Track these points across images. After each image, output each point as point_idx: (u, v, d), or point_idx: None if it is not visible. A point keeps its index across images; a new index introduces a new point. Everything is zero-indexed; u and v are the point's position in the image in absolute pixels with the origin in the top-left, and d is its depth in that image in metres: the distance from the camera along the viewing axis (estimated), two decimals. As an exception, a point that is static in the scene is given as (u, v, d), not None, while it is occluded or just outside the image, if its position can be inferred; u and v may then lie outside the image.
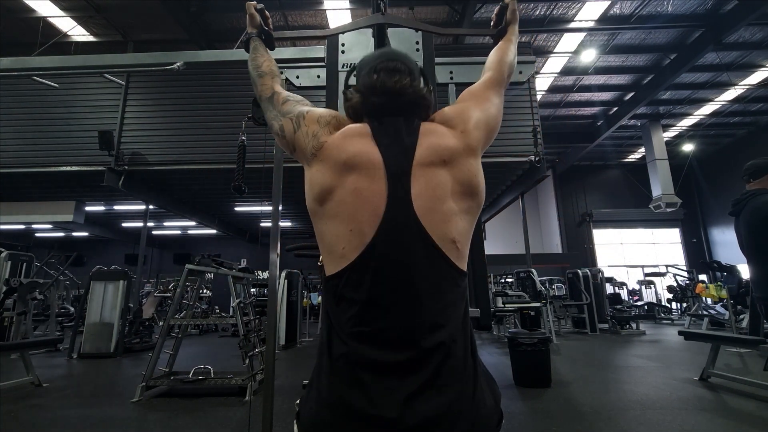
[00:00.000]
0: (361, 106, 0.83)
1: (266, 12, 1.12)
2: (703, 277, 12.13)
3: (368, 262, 0.67)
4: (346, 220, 0.70)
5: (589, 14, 7.87)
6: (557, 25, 8.18)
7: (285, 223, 12.38)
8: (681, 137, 14.41)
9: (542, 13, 7.87)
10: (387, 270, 0.67)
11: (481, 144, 0.82)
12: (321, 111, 0.86)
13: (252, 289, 8.94)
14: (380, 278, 0.67)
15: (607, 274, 10.00)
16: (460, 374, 0.64)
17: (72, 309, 8.83)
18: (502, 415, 0.69)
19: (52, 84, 4.85)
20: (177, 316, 4.19)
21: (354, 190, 0.71)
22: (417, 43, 1.93)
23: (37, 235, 14.49)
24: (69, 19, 7.56)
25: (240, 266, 7.51)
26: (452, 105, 0.89)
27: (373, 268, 0.67)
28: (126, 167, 6.73)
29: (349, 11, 7.46)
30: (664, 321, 10.59)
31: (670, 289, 10.70)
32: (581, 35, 8.56)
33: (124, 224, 13.59)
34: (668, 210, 12.73)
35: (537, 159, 5.00)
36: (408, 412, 0.59)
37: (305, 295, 8.24)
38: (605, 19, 8.05)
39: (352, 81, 0.94)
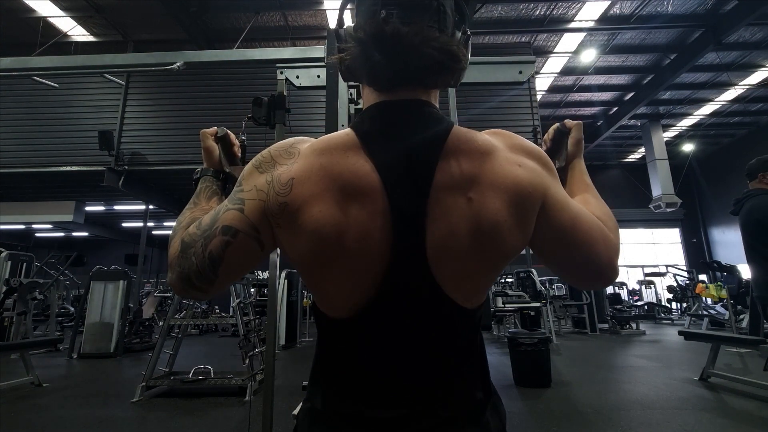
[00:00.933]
0: (359, 63, 0.55)
1: (231, 136, 0.81)
2: (703, 277, 12.14)
3: (366, 324, 0.53)
4: (337, 283, 0.53)
5: (589, 14, 7.86)
6: (557, 25, 8.18)
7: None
8: (681, 137, 14.41)
9: (542, 13, 7.87)
10: (390, 333, 0.53)
11: (528, 210, 0.54)
12: (253, 160, 0.58)
13: (251, 289, 8.94)
14: (381, 340, 0.54)
15: (607, 274, 9.98)
16: (470, 409, 0.55)
17: (72, 309, 8.84)
18: None
19: (52, 84, 4.86)
20: (177, 316, 4.19)
21: (357, 236, 0.50)
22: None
23: (37, 235, 14.52)
24: (69, 19, 7.56)
25: (240, 266, 7.44)
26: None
27: (372, 329, 0.53)
28: (126, 167, 6.74)
29: (349, 11, 7.47)
30: (664, 321, 10.61)
31: (670, 289, 10.71)
32: (581, 35, 8.55)
33: (124, 224, 13.62)
34: (668, 210, 12.71)
35: (537, 159, 5.01)
36: None
37: (305, 295, 8.24)
38: (605, 19, 8.05)
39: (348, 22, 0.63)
